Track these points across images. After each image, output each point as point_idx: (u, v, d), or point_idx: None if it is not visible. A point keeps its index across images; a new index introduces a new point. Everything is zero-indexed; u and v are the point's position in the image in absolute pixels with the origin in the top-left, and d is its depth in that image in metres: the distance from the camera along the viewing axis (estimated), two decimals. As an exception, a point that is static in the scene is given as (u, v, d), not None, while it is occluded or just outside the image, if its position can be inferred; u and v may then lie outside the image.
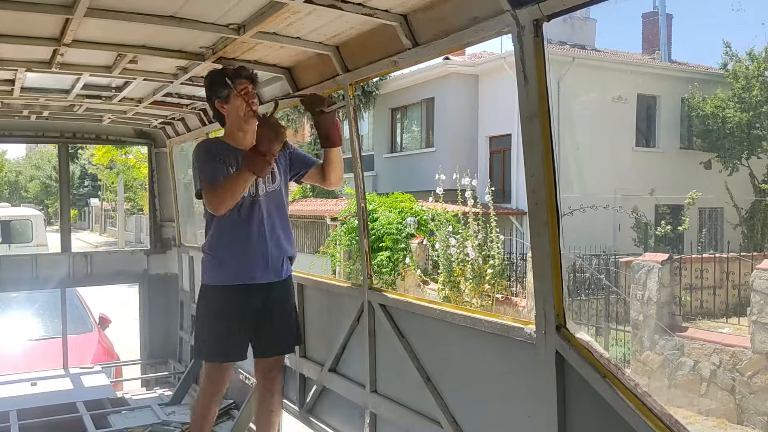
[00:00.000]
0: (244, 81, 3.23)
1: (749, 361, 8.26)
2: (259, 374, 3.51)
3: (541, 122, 2.25)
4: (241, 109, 3.23)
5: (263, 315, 3.37)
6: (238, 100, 3.21)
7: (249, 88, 3.24)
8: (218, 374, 3.38)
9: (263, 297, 3.35)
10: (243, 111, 3.23)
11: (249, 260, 3.29)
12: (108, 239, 37.99)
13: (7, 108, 5.17)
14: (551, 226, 2.26)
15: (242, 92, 3.21)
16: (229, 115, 3.27)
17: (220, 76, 3.23)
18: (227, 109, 3.26)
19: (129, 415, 5.10)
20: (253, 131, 3.17)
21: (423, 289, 11.84)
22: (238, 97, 3.21)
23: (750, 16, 38.91)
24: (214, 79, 3.27)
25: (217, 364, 3.37)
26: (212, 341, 3.34)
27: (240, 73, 3.23)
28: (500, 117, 17.80)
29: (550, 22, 2.21)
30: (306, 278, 4.30)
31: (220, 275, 3.31)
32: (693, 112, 18.68)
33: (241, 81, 3.21)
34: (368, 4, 2.80)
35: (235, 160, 3.17)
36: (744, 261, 11.41)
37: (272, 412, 3.51)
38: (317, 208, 18.00)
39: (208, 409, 3.41)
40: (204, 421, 3.41)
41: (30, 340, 7.16)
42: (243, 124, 3.26)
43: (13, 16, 2.95)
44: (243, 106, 3.22)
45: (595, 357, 2.17)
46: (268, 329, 3.40)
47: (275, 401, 3.52)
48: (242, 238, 3.28)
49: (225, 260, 3.29)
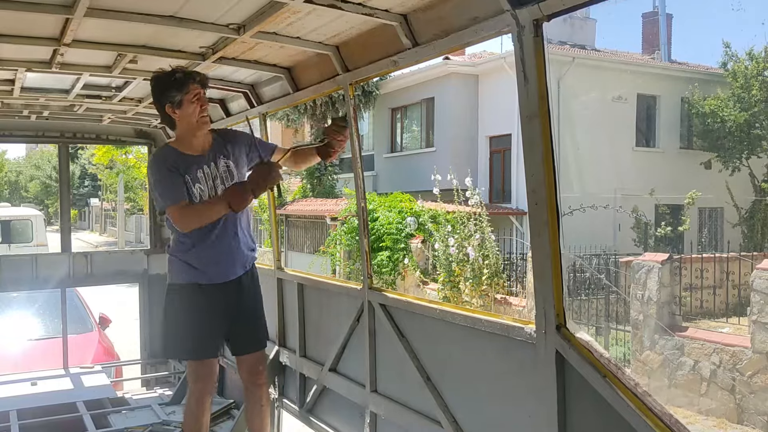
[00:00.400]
0: (197, 86, 3.18)
1: (749, 360, 8.26)
2: (244, 371, 3.51)
3: (541, 122, 2.25)
4: (195, 116, 3.19)
5: (237, 311, 3.39)
6: (192, 106, 3.17)
7: (201, 94, 3.21)
8: (203, 371, 3.37)
9: (236, 292, 3.36)
10: (196, 117, 3.20)
11: (220, 259, 3.30)
12: (108, 239, 38.00)
13: (7, 108, 5.17)
14: (551, 226, 2.26)
15: (195, 98, 3.17)
16: (181, 120, 3.22)
17: (171, 78, 3.16)
18: (179, 114, 3.20)
19: (129, 415, 5.09)
20: (203, 136, 3.24)
21: (423, 289, 11.84)
22: (191, 102, 3.17)
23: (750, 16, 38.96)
24: (164, 82, 3.18)
25: (199, 362, 3.36)
26: (189, 340, 3.32)
27: (193, 78, 3.18)
28: (500, 117, 17.80)
29: (550, 22, 2.21)
30: (306, 278, 4.30)
31: (190, 274, 3.29)
32: (693, 111, 18.69)
33: (194, 86, 3.17)
34: (368, 3, 2.80)
35: (185, 168, 3.18)
36: (744, 261, 11.41)
37: (263, 407, 3.53)
38: (317, 208, 17.99)
39: (202, 406, 3.39)
40: (200, 419, 3.40)
41: (30, 339, 7.15)
42: (195, 130, 3.24)
43: (13, 16, 2.95)
44: (197, 112, 3.19)
45: (595, 357, 2.17)
46: (244, 325, 3.42)
47: (264, 394, 3.54)
48: (211, 238, 3.26)
49: (196, 260, 3.28)
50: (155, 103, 3.30)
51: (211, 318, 3.32)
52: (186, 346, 3.36)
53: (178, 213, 3.13)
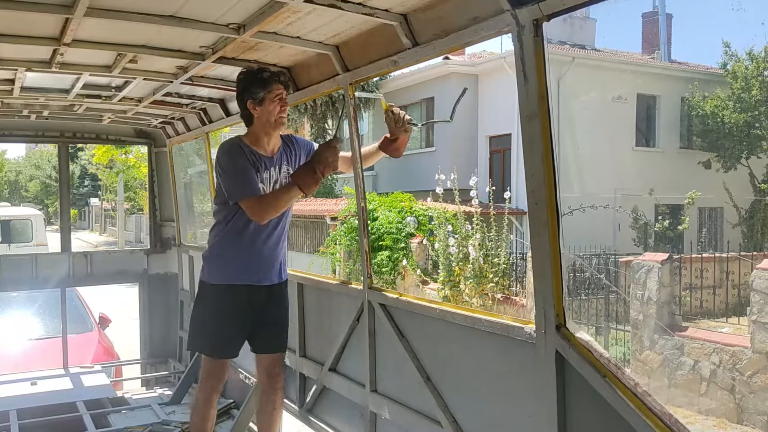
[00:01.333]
0: (281, 86, 3.22)
1: (749, 360, 8.26)
2: (262, 372, 3.52)
3: (541, 122, 2.25)
4: (274, 115, 3.21)
5: (265, 315, 3.40)
6: (272, 105, 3.20)
7: (284, 95, 3.24)
8: (218, 369, 3.42)
9: (266, 298, 3.39)
10: (275, 117, 3.22)
11: (256, 262, 3.32)
12: (108, 239, 38.00)
13: (7, 108, 5.17)
14: (551, 225, 2.26)
15: (277, 97, 3.20)
16: (260, 117, 3.24)
17: (257, 76, 3.20)
18: (259, 111, 3.22)
19: (129, 415, 5.09)
20: (275, 138, 3.29)
21: (423, 289, 11.84)
22: (273, 101, 3.19)
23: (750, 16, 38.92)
24: (250, 79, 3.22)
25: (217, 360, 3.40)
26: (214, 339, 3.37)
27: (278, 78, 3.22)
28: (500, 117, 17.81)
29: (549, 22, 2.21)
30: (306, 278, 4.30)
31: (225, 274, 3.33)
32: (693, 112, 18.69)
33: (278, 86, 3.20)
34: (368, 3, 2.80)
35: (257, 165, 3.21)
36: (744, 261, 11.41)
37: (275, 410, 3.52)
38: (317, 208, 17.99)
39: (209, 403, 3.43)
40: (207, 414, 3.43)
41: (30, 339, 7.15)
42: (271, 130, 3.26)
43: (13, 16, 2.95)
44: (276, 112, 3.21)
45: (595, 356, 2.17)
46: (270, 328, 3.44)
47: (278, 398, 3.54)
48: (251, 241, 3.29)
49: (231, 260, 3.31)
50: (237, 98, 3.31)
51: (238, 320, 3.35)
52: (209, 344, 3.41)
53: (256, 203, 3.13)
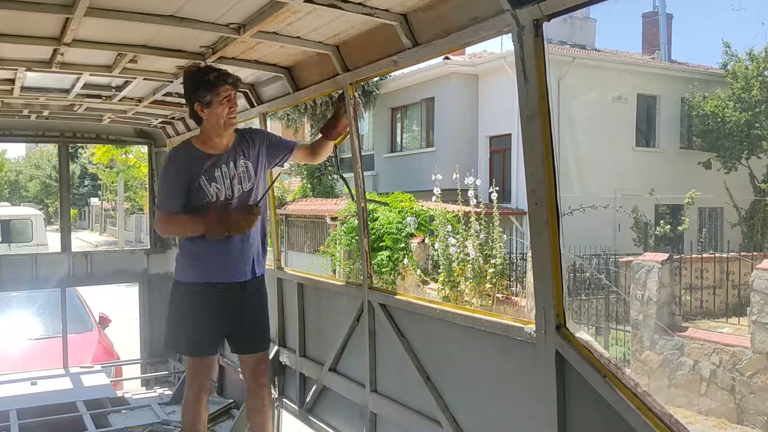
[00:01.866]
0: (228, 87, 3.20)
1: (749, 360, 8.26)
2: (247, 370, 3.53)
3: (541, 122, 2.25)
4: (222, 117, 3.21)
5: (241, 312, 3.40)
6: (221, 108, 3.19)
7: (232, 95, 3.22)
8: (202, 368, 3.41)
9: (241, 295, 3.38)
10: (224, 118, 3.22)
11: (226, 259, 3.32)
12: (108, 239, 37.99)
13: (7, 107, 5.17)
14: (551, 226, 2.26)
15: (225, 99, 3.19)
16: (209, 119, 3.24)
17: (204, 78, 3.17)
18: (207, 113, 3.22)
19: (129, 415, 5.09)
20: (230, 136, 3.29)
21: (423, 289, 11.84)
22: (221, 104, 3.18)
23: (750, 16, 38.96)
24: (197, 81, 3.20)
25: (197, 358, 3.41)
26: (188, 336, 3.37)
27: (225, 79, 3.19)
28: (500, 117, 17.79)
29: (550, 22, 2.21)
30: (306, 278, 4.30)
31: (196, 272, 3.33)
32: (693, 112, 18.68)
33: (225, 87, 3.18)
34: (368, 3, 2.80)
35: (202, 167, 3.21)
36: (744, 261, 11.41)
37: (264, 407, 3.54)
38: (317, 208, 17.99)
39: (199, 402, 3.42)
40: (197, 413, 3.43)
41: (30, 339, 7.15)
42: (221, 130, 3.26)
43: (13, 16, 2.95)
44: (225, 114, 3.21)
45: (595, 356, 2.17)
46: (250, 327, 3.44)
47: (266, 395, 3.55)
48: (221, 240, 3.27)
49: (202, 258, 3.31)
50: (186, 99, 3.31)
51: (211, 317, 3.34)
52: (184, 342, 3.41)
53: (164, 219, 3.27)
